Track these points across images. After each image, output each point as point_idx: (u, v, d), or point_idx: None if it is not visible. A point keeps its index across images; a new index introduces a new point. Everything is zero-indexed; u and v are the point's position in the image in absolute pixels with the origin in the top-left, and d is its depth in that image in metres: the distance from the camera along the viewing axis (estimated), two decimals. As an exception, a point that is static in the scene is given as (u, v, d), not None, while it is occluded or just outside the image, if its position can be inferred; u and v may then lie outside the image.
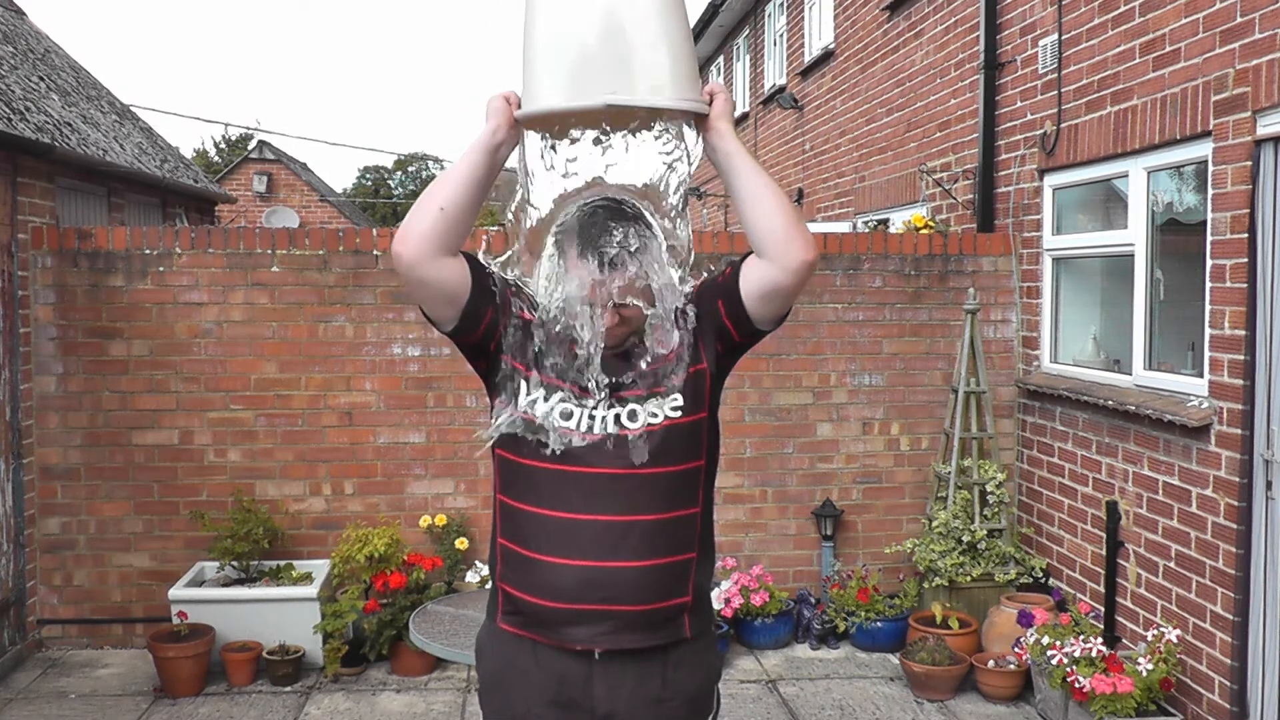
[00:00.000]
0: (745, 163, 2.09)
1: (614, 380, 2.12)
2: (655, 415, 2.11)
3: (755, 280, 2.09)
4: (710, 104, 2.09)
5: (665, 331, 2.14)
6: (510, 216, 2.17)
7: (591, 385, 2.10)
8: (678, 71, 2.04)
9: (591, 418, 2.10)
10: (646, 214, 2.12)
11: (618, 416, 2.11)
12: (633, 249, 2.06)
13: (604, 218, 2.07)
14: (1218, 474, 4.18)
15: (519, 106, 2.07)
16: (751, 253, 2.11)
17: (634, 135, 2.08)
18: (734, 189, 2.10)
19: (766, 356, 5.84)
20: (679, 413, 2.13)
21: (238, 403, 5.66)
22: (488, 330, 2.13)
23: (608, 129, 2.06)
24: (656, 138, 2.08)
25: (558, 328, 2.12)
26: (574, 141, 2.09)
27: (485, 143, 2.06)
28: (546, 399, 2.12)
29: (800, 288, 2.11)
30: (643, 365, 2.13)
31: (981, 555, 5.48)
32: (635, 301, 2.08)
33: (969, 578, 5.43)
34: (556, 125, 2.08)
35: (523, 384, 2.14)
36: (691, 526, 2.18)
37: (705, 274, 2.23)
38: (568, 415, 2.11)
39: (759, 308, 2.11)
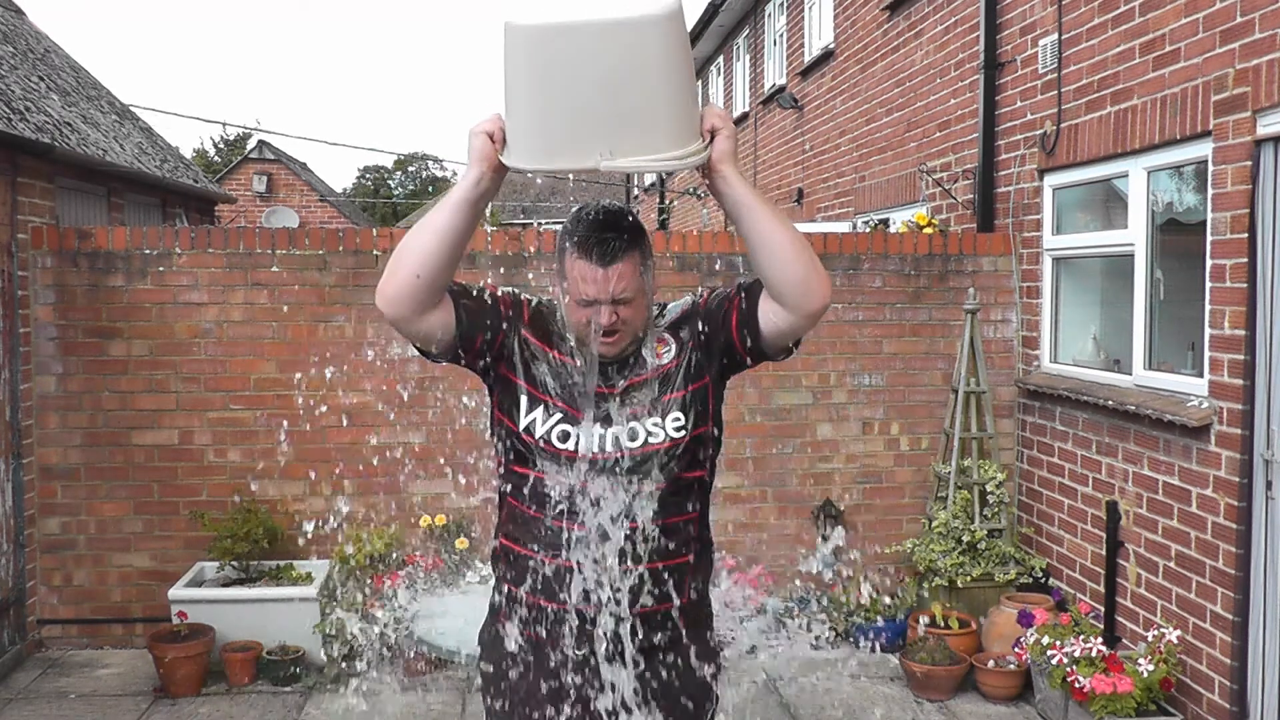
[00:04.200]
0: (755, 209, 1.97)
1: (611, 392, 2.13)
2: (655, 434, 2.12)
3: (770, 319, 2.07)
4: (712, 142, 1.95)
5: (663, 342, 2.16)
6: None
7: (587, 401, 2.11)
8: (675, 124, 1.90)
9: (590, 438, 2.11)
10: (637, 219, 2.13)
11: (616, 437, 2.11)
12: (627, 243, 2.06)
13: (598, 220, 2.08)
14: (1218, 474, 4.18)
15: (503, 141, 1.94)
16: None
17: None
18: (744, 234, 2.00)
19: (766, 356, 5.84)
20: (682, 432, 2.14)
21: (238, 403, 5.66)
22: (480, 354, 2.15)
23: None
24: None
25: (559, 349, 2.14)
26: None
27: (468, 196, 1.95)
28: (545, 419, 2.13)
29: (814, 324, 2.09)
30: (643, 377, 2.14)
31: (981, 555, 5.48)
32: (631, 296, 2.07)
33: (969, 578, 5.42)
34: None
35: (523, 399, 2.15)
36: (689, 530, 2.19)
37: (711, 289, 2.24)
38: (565, 436, 2.12)
39: (773, 341, 2.12)
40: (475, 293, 2.14)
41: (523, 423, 2.14)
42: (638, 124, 1.86)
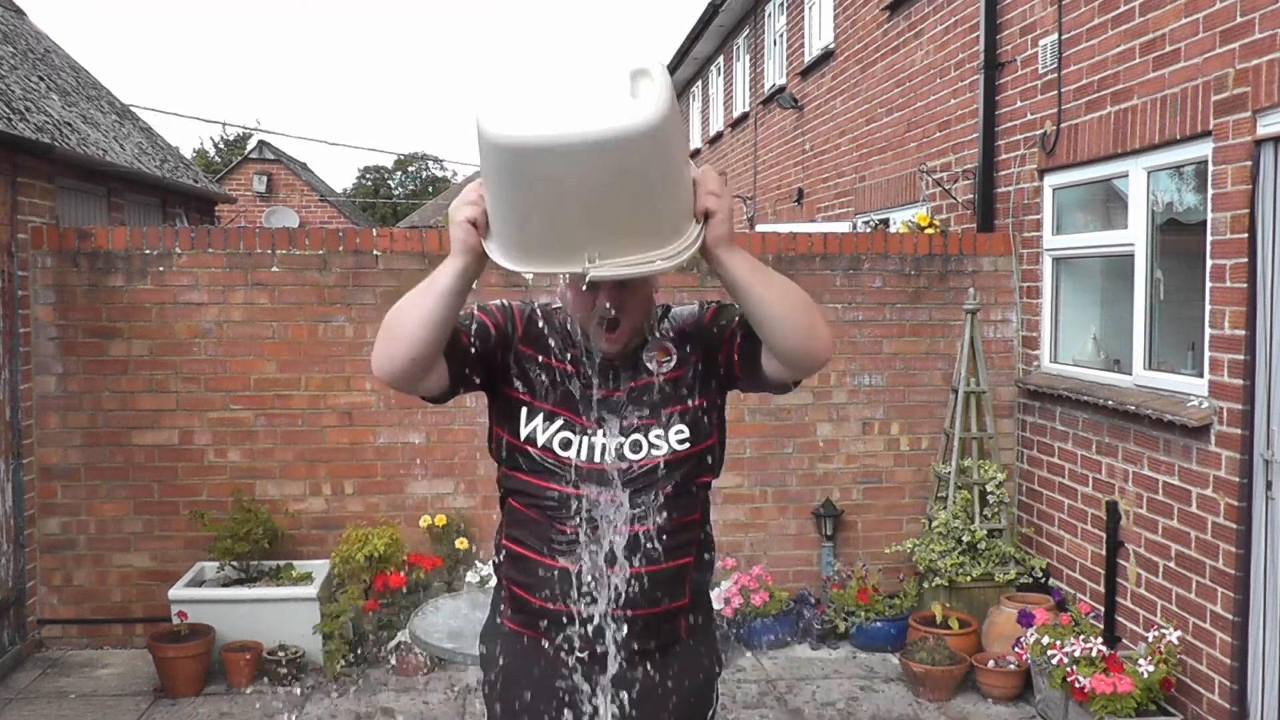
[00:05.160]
0: (753, 289, 1.92)
1: (614, 395, 2.13)
2: (659, 446, 2.11)
3: (770, 367, 2.05)
4: (706, 223, 1.85)
5: (664, 351, 2.16)
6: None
7: (589, 405, 2.10)
8: (665, 225, 1.79)
9: (592, 446, 2.11)
10: None
11: (619, 446, 2.11)
12: None
13: None
14: (1218, 474, 4.18)
15: (486, 226, 1.87)
16: None
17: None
18: (744, 310, 1.98)
19: (766, 356, 5.84)
20: (685, 444, 2.13)
21: (238, 403, 5.66)
22: (478, 382, 2.14)
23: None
24: None
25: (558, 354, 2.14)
26: None
27: (454, 286, 1.90)
28: (545, 427, 2.12)
29: (815, 373, 2.11)
30: (645, 382, 2.14)
31: (981, 555, 5.48)
32: (632, 273, 2.05)
33: (969, 578, 5.42)
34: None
35: (522, 411, 2.14)
36: (690, 532, 2.19)
37: (716, 304, 2.22)
38: (566, 444, 2.11)
39: (773, 381, 2.10)
40: (465, 329, 2.10)
41: (523, 434, 2.13)
42: (625, 230, 1.76)
